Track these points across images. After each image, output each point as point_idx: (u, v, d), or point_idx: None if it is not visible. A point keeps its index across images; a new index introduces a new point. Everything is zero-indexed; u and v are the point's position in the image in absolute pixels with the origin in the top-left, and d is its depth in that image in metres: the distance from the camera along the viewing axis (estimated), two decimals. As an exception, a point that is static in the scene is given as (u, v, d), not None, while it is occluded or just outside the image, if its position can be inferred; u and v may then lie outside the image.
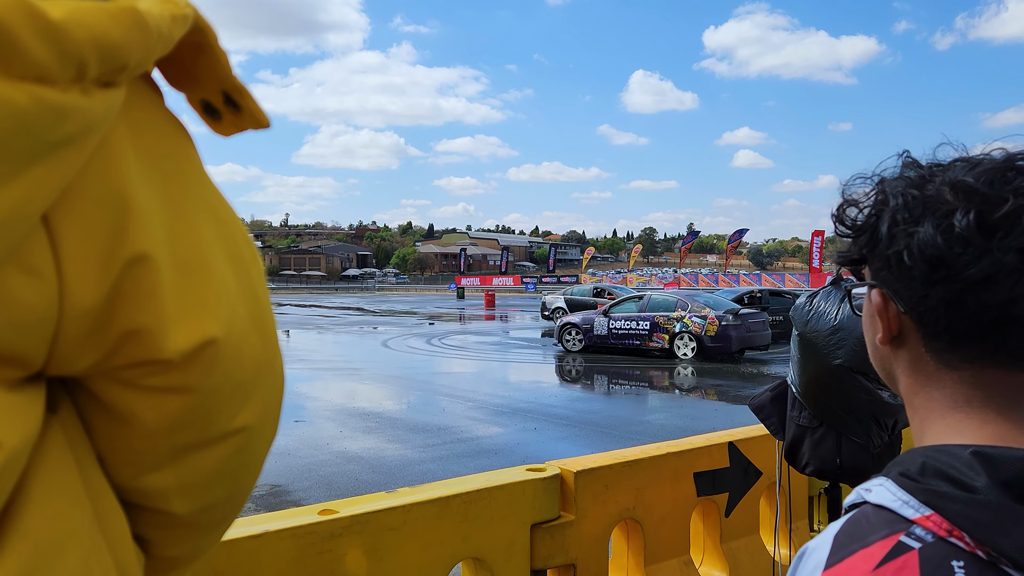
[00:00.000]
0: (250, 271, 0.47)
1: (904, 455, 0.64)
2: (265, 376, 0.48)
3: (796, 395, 2.33)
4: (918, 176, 0.67)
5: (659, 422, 9.88)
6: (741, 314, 16.67)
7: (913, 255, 0.64)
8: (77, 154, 0.34)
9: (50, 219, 0.36)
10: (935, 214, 0.64)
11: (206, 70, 0.44)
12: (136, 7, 0.35)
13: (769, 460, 3.21)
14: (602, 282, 50.04)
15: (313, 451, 8.28)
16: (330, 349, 20.03)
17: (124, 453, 0.43)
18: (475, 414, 10.60)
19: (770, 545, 3.30)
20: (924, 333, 0.67)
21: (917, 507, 0.58)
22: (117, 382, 0.41)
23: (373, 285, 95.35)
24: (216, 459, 0.46)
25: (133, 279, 0.38)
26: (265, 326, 0.48)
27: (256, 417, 0.48)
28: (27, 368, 0.38)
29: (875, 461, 2.24)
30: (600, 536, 2.76)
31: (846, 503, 0.66)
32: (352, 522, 2.16)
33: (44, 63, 0.31)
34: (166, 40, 0.38)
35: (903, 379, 0.71)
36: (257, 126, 0.47)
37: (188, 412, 0.43)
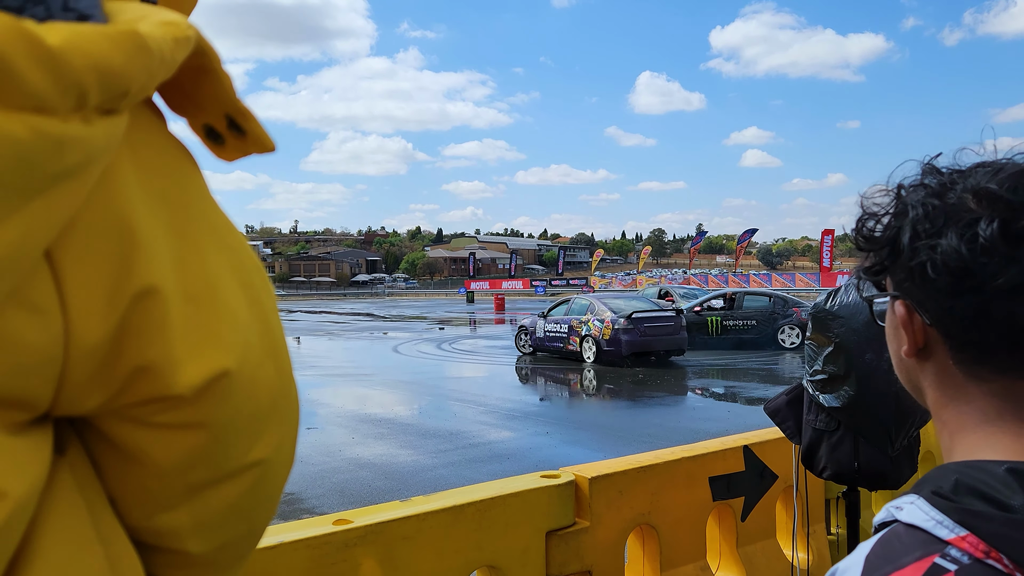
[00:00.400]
0: (262, 298, 0.46)
1: (935, 471, 0.63)
2: (280, 407, 0.47)
3: (812, 398, 2.31)
4: (938, 184, 0.66)
5: (671, 424, 9.84)
6: (635, 318, 16.07)
7: (937, 267, 0.63)
8: (79, 186, 0.33)
9: (53, 254, 0.34)
10: (958, 223, 0.62)
11: (209, 94, 0.42)
12: (137, 30, 0.34)
13: (784, 463, 3.19)
14: (661, 283, 47.34)
15: (326, 458, 8.28)
16: (341, 355, 20.06)
17: (136, 493, 0.42)
18: (486, 418, 10.58)
19: (787, 549, 3.27)
20: (951, 345, 0.65)
21: (952, 527, 0.57)
22: (127, 420, 0.39)
23: (383, 290, 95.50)
24: (232, 495, 0.44)
25: (141, 313, 0.37)
26: (279, 355, 0.47)
27: (272, 450, 0.46)
28: (32, 410, 0.36)
29: (894, 464, 2.21)
30: (615, 542, 2.74)
31: (876, 521, 0.64)
32: (367, 532, 2.16)
33: (43, 93, 0.30)
34: (169, 64, 0.36)
35: (930, 392, 0.70)
36: (262, 150, 0.45)
37: (201, 448, 0.41)
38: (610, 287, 70.53)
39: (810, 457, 2.35)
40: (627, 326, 16.03)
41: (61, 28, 0.31)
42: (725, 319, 18.82)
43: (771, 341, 18.31)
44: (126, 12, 0.36)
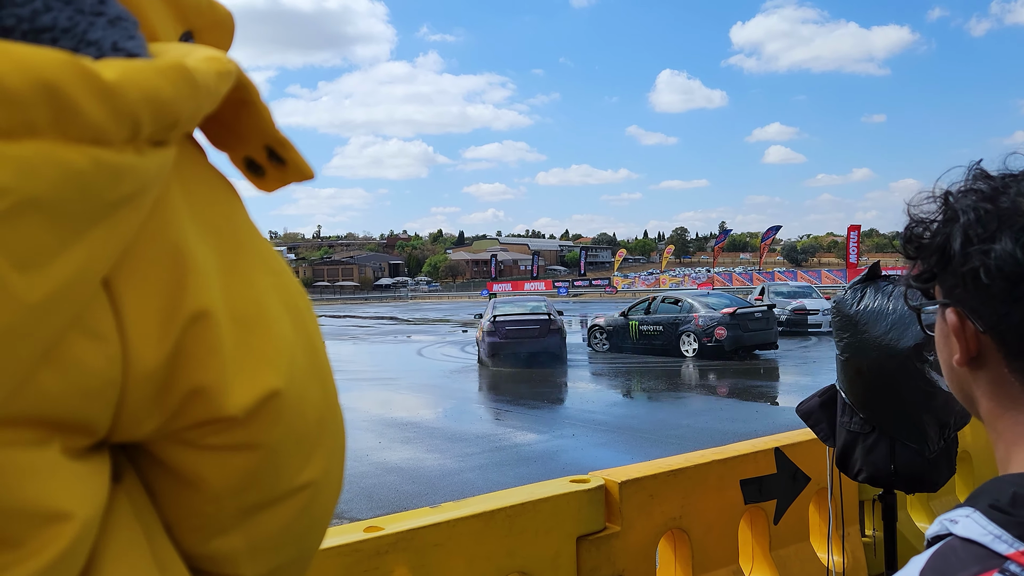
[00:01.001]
0: (306, 321, 0.47)
1: (991, 484, 0.61)
2: (328, 427, 0.47)
3: (846, 400, 2.28)
4: (990, 189, 0.64)
5: (699, 425, 9.77)
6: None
7: (991, 272, 0.61)
8: (135, 213, 0.34)
9: (110, 281, 0.35)
10: (1012, 227, 0.60)
11: (250, 126, 0.44)
12: (185, 64, 0.36)
13: (817, 465, 3.15)
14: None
15: (353, 463, 8.31)
16: (366, 359, 20.17)
17: (191, 518, 0.42)
18: (513, 420, 10.58)
19: (821, 552, 3.23)
20: (1007, 353, 0.63)
21: (1011, 542, 0.55)
22: (181, 443, 0.40)
23: (406, 294, 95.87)
24: (284, 518, 0.45)
25: (194, 337, 0.38)
26: (324, 376, 0.48)
27: (321, 471, 0.47)
28: (93, 435, 0.37)
29: (931, 467, 2.17)
30: (647, 546, 2.72)
31: (928, 534, 0.62)
32: (398, 539, 2.16)
33: (101, 125, 0.31)
34: (214, 95, 0.38)
35: (984, 402, 0.68)
36: (302, 178, 0.47)
37: (254, 470, 0.42)
38: (633, 287, 70.31)
39: (845, 460, 2.31)
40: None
41: (115, 64, 0.33)
42: (642, 324, 18.55)
43: (675, 348, 17.69)
44: (169, 51, 0.38)
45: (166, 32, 0.43)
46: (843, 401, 2.29)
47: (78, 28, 0.35)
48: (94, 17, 0.35)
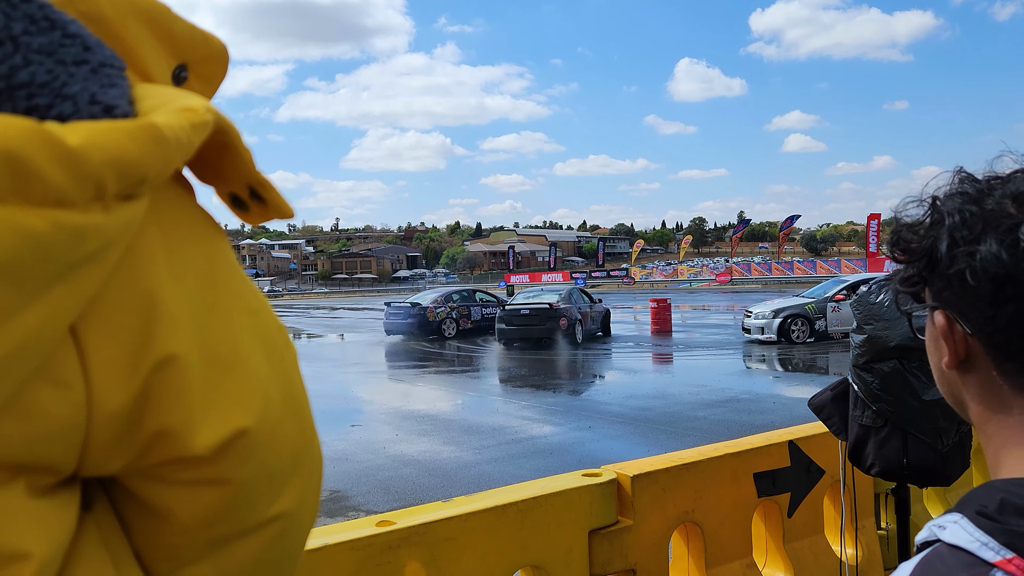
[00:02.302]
0: (284, 357, 0.48)
1: (980, 489, 0.61)
2: (303, 461, 0.48)
3: (858, 394, 2.27)
4: (975, 191, 0.64)
5: (715, 417, 9.74)
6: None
7: (977, 274, 0.61)
8: (99, 269, 0.35)
9: (77, 328, 0.36)
10: (997, 229, 0.60)
11: (231, 167, 0.45)
12: (153, 122, 0.36)
13: (832, 458, 3.13)
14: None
15: (370, 455, 8.37)
16: (384, 352, 20.25)
17: (161, 548, 0.43)
18: (529, 413, 10.59)
19: (836, 545, 3.22)
20: (995, 356, 0.63)
21: (997, 549, 0.55)
22: (151, 478, 0.41)
23: (424, 285, 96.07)
24: (255, 548, 0.46)
25: (161, 381, 0.39)
26: (301, 411, 0.49)
27: (294, 503, 0.47)
28: (59, 474, 0.38)
29: (944, 461, 2.16)
30: (659, 540, 2.72)
31: (918, 540, 0.62)
32: (410, 533, 2.18)
33: (63, 188, 0.32)
34: (186, 148, 0.39)
35: (973, 406, 0.68)
36: (282, 216, 0.48)
37: (224, 503, 0.43)
38: (651, 277, 70.01)
39: (857, 454, 2.30)
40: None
41: (80, 127, 0.34)
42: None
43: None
44: (150, 98, 0.39)
45: (159, 67, 0.45)
46: (855, 395, 2.28)
47: (56, 82, 0.35)
48: (76, 67, 0.36)
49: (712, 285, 61.58)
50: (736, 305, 36.15)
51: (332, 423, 10.23)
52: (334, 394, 12.60)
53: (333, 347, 22.93)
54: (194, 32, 0.48)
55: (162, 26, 0.45)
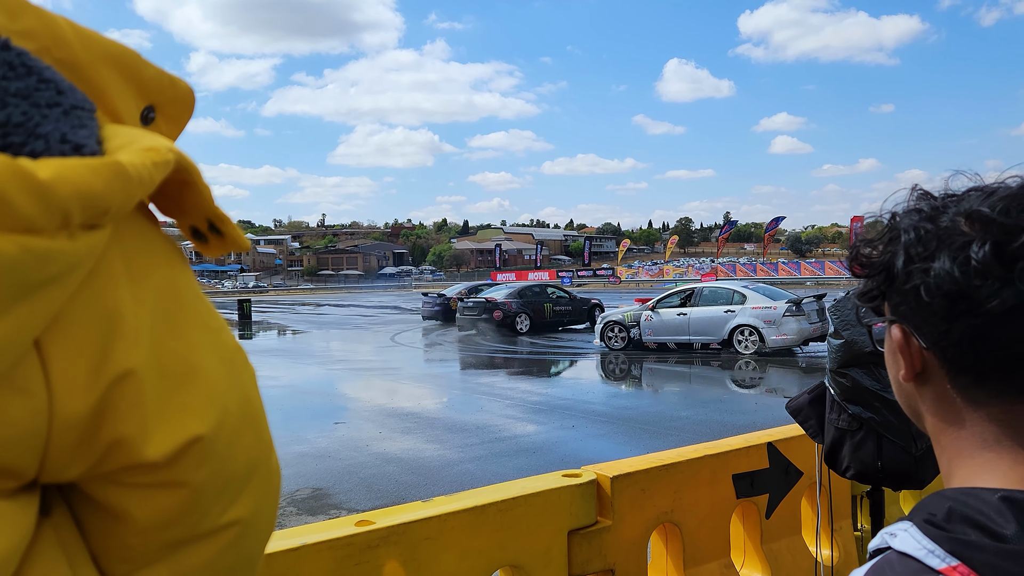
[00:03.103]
0: (242, 375, 0.50)
1: (930, 498, 0.63)
2: (259, 472, 0.51)
3: (834, 397, 2.30)
4: (931, 208, 0.66)
5: (698, 418, 9.79)
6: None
7: (931, 290, 0.62)
8: (62, 290, 0.39)
9: (40, 341, 0.39)
10: (951, 247, 0.62)
11: (191, 202, 0.48)
12: (118, 160, 0.40)
13: (810, 460, 3.17)
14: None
15: (353, 453, 8.36)
16: (369, 349, 20.21)
17: (118, 550, 0.46)
18: (513, 412, 10.61)
19: (813, 546, 3.25)
20: (948, 369, 0.65)
21: (943, 557, 0.57)
22: (108, 482, 0.44)
23: (410, 283, 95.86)
24: (210, 553, 0.48)
25: (119, 393, 0.41)
26: (258, 424, 0.51)
27: (250, 511, 0.50)
28: (20, 479, 0.41)
29: (918, 464, 2.19)
30: (638, 540, 2.74)
31: (870, 547, 0.64)
32: (389, 532, 2.18)
33: (32, 216, 0.36)
34: (148, 184, 0.42)
35: (929, 417, 0.70)
36: (238, 249, 0.52)
37: (179, 507, 0.45)
38: (637, 277, 70.18)
39: (833, 456, 2.33)
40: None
41: (50, 163, 0.37)
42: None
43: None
44: (117, 138, 0.43)
45: (128, 108, 0.48)
46: (832, 398, 2.30)
47: (30, 123, 0.39)
48: (49, 109, 0.40)
49: (698, 285, 61.68)
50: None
51: (315, 419, 10.21)
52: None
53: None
54: (162, 76, 0.51)
55: (132, 71, 0.48)
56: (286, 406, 11.41)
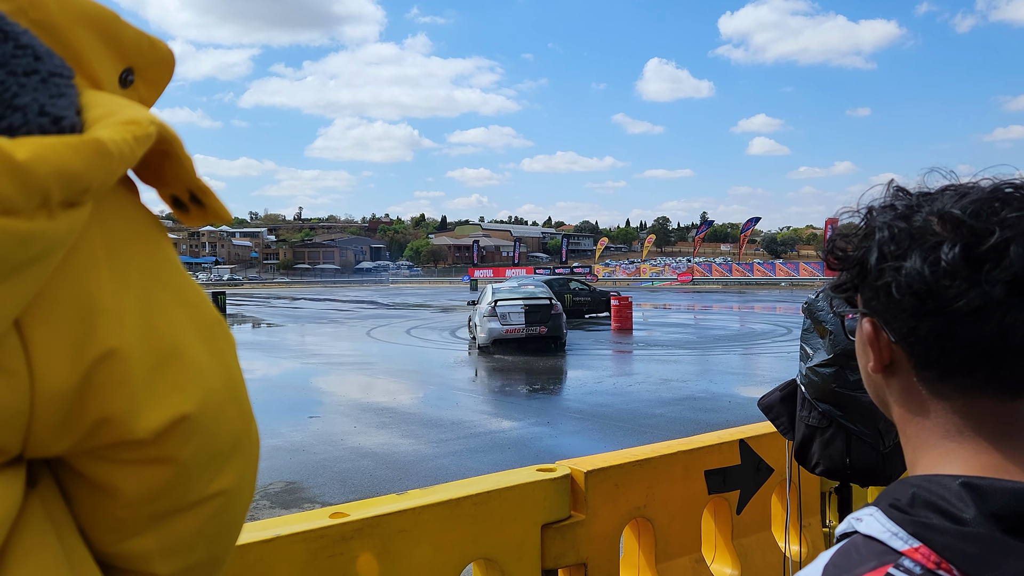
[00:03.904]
0: (223, 348, 0.51)
1: (895, 485, 0.65)
2: (243, 443, 0.52)
3: (805, 395, 2.33)
4: (904, 207, 0.67)
5: (672, 415, 9.87)
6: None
7: (901, 288, 0.64)
8: (42, 269, 0.38)
9: (21, 322, 0.39)
10: (922, 246, 0.64)
11: (173, 173, 0.48)
12: (98, 137, 0.39)
13: (781, 457, 3.21)
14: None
15: (328, 447, 8.33)
16: (345, 343, 20.12)
17: (106, 521, 0.46)
18: (489, 407, 10.63)
19: (783, 541, 3.30)
20: (915, 363, 0.67)
21: (906, 539, 0.59)
22: (96, 458, 0.44)
23: (387, 278, 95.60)
24: (196, 522, 0.49)
25: (104, 372, 0.41)
26: (240, 397, 0.52)
27: (234, 482, 0.51)
28: (5, 455, 0.41)
29: (885, 461, 2.23)
30: (611, 535, 2.77)
31: (837, 532, 0.66)
32: (363, 525, 2.19)
33: (10, 198, 0.35)
34: (129, 159, 0.41)
35: (896, 408, 0.72)
36: (220, 220, 0.51)
37: (166, 481, 0.46)
38: (614, 275, 70.53)
39: (803, 453, 2.36)
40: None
41: (28, 143, 0.36)
42: None
43: None
44: (96, 107, 0.42)
45: (106, 71, 0.47)
46: (802, 396, 2.34)
47: (7, 93, 0.38)
48: (26, 78, 0.39)
49: (674, 284, 62.27)
50: (696, 304, 36.61)
51: (289, 413, 10.16)
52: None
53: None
54: (141, 38, 0.50)
55: (110, 32, 0.47)
56: (260, 400, 11.33)
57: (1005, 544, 0.56)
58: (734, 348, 17.61)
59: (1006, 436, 0.65)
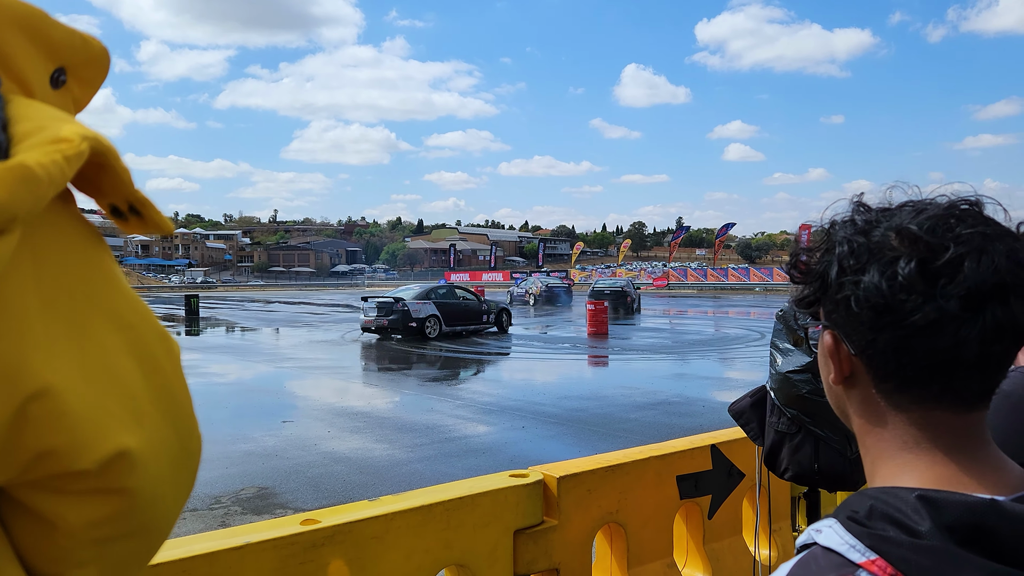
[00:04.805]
0: (163, 367, 0.49)
1: (854, 497, 0.66)
2: (183, 460, 0.51)
3: (775, 401, 2.36)
4: (864, 222, 0.69)
5: (646, 419, 9.91)
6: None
7: (860, 301, 0.66)
8: None
9: None
10: (880, 261, 0.65)
11: (110, 185, 0.46)
12: (24, 163, 0.38)
13: (752, 462, 3.24)
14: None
15: (301, 452, 8.26)
16: (319, 347, 19.98)
17: (48, 551, 0.45)
18: (463, 412, 10.60)
19: (753, 546, 3.33)
20: (874, 375, 0.68)
21: (863, 551, 0.60)
22: (39, 488, 0.43)
23: (362, 281, 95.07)
24: (140, 545, 0.48)
25: (38, 410, 0.40)
26: (178, 417, 0.51)
27: (178, 500, 0.50)
28: None
29: (852, 467, 2.26)
30: (583, 540, 2.78)
31: (798, 543, 0.67)
32: (335, 532, 2.17)
33: None
34: (59, 181, 0.40)
35: (855, 419, 0.73)
36: (160, 232, 0.50)
37: (113, 510, 0.45)
38: (589, 279, 70.68)
39: (772, 458, 2.39)
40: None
41: None
42: None
43: None
44: (25, 121, 0.40)
45: (36, 72, 0.45)
46: (772, 402, 2.36)
47: None
48: None
49: (649, 289, 62.57)
50: (671, 309, 36.83)
51: (262, 418, 10.07)
52: (267, 388, 12.36)
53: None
54: (73, 36, 0.48)
55: (39, 32, 0.45)
56: (233, 404, 11.22)
57: (958, 556, 0.57)
58: (709, 353, 17.74)
59: (961, 448, 0.66)
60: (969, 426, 0.67)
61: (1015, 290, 0.62)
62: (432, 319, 21.60)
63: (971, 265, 0.62)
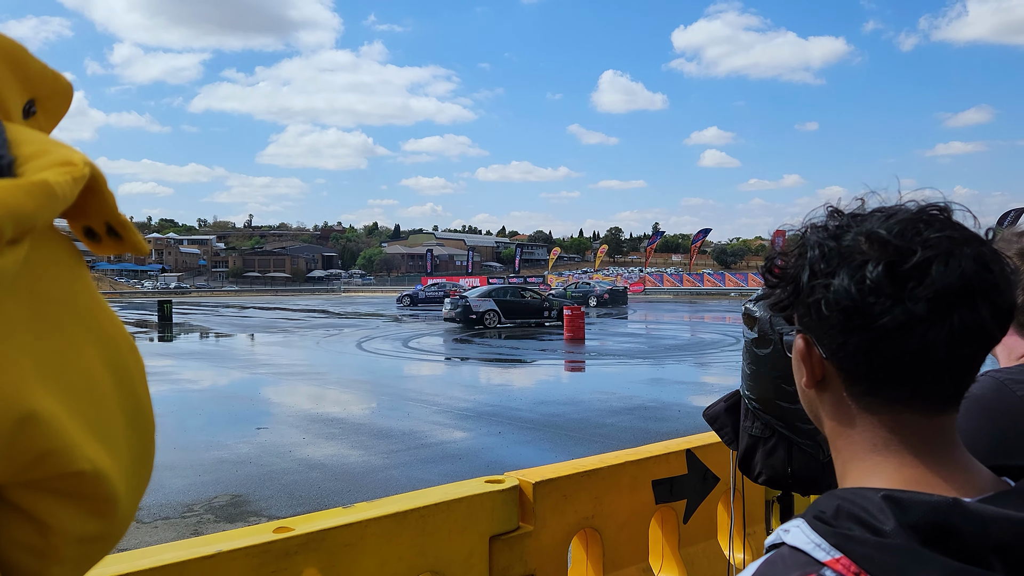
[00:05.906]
0: (133, 377, 0.52)
1: (823, 497, 0.66)
2: (144, 467, 0.53)
3: (749, 406, 2.37)
4: (836, 227, 0.70)
5: (622, 424, 9.95)
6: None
7: (830, 304, 0.66)
8: None
9: None
10: (850, 265, 0.66)
11: (94, 207, 0.49)
12: (47, 179, 0.41)
13: (727, 466, 3.26)
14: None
15: (275, 459, 8.19)
16: (294, 353, 19.83)
17: (39, 548, 0.46)
18: (440, 418, 10.57)
19: (727, 550, 3.34)
20: (845, 378, 0.69)
21: (828, 550, 0.61)
22: (34, 489, 0.44)
23: (339, 286, 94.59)
24: (104, 545, 0.50)
25: (27, 432, 0.41)
26: (142, 423, 0.53)
27: (135, 505, 0.53)
28: None
29: (825, 471, 2.28)
30: (559, 545, 2.78)
31: (766, 543, 0.68)
32: (308, 539, 2.15)
33: None
34: (68, 201, 0.43)
35: (827, 421, 0.74)
36: (136, 253, 0.53)
37: (98, 510, 0.47)
38: (566, 285, 70.93)
39: (747, 463, 2.40)
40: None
41: None
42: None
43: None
44: (27, 144, 0.43)
45: (13, 101, 0.49)
46: (746, 406, 2.38)
47: None
48: None
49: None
50: (648, 315, 37.02)
51: (236, 424, 9.96)
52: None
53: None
54: (45, 71, 0.52)
55: (20, 65, 0.49)
56: (207, 411, 11.09)
57: (921, 555, 0.58)
58: (685, 358, 17.84)
59: (930, 451, 0.67)
60: (938, 429, 0.67)
61: (982, 294, 0.63)
62: (491, 313, 26.94)
63: (939, 268, 0.63)
